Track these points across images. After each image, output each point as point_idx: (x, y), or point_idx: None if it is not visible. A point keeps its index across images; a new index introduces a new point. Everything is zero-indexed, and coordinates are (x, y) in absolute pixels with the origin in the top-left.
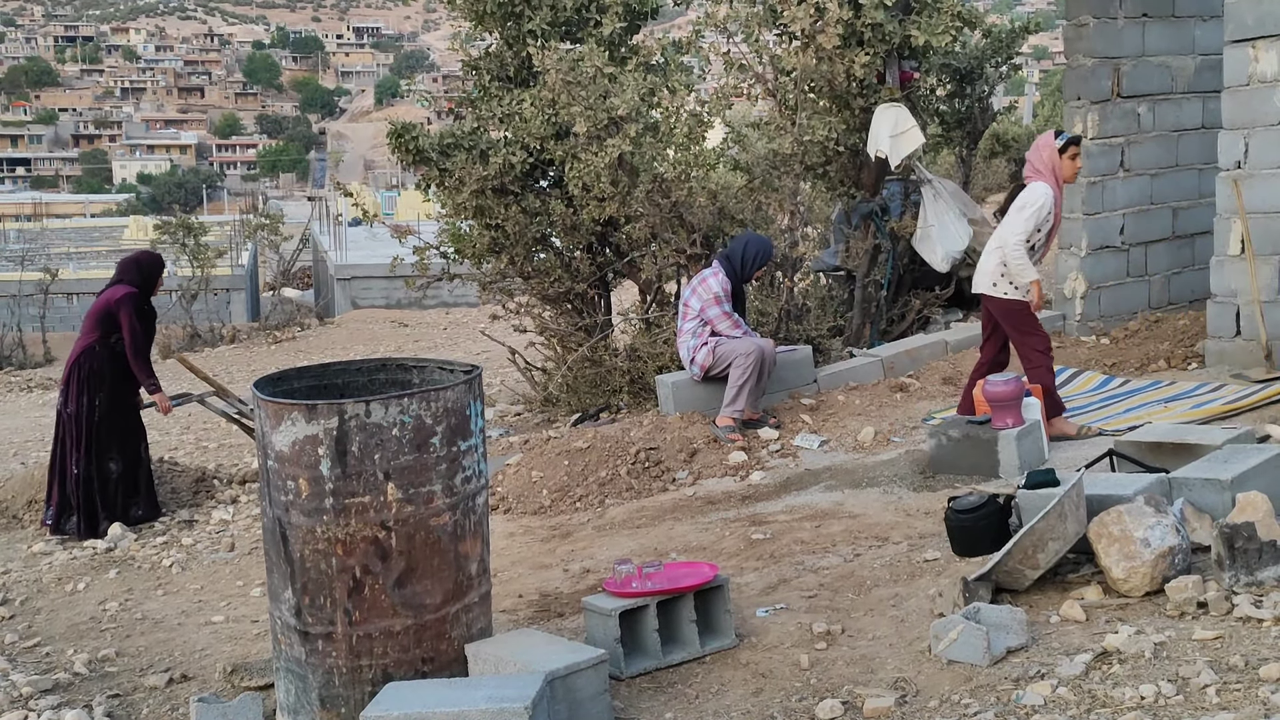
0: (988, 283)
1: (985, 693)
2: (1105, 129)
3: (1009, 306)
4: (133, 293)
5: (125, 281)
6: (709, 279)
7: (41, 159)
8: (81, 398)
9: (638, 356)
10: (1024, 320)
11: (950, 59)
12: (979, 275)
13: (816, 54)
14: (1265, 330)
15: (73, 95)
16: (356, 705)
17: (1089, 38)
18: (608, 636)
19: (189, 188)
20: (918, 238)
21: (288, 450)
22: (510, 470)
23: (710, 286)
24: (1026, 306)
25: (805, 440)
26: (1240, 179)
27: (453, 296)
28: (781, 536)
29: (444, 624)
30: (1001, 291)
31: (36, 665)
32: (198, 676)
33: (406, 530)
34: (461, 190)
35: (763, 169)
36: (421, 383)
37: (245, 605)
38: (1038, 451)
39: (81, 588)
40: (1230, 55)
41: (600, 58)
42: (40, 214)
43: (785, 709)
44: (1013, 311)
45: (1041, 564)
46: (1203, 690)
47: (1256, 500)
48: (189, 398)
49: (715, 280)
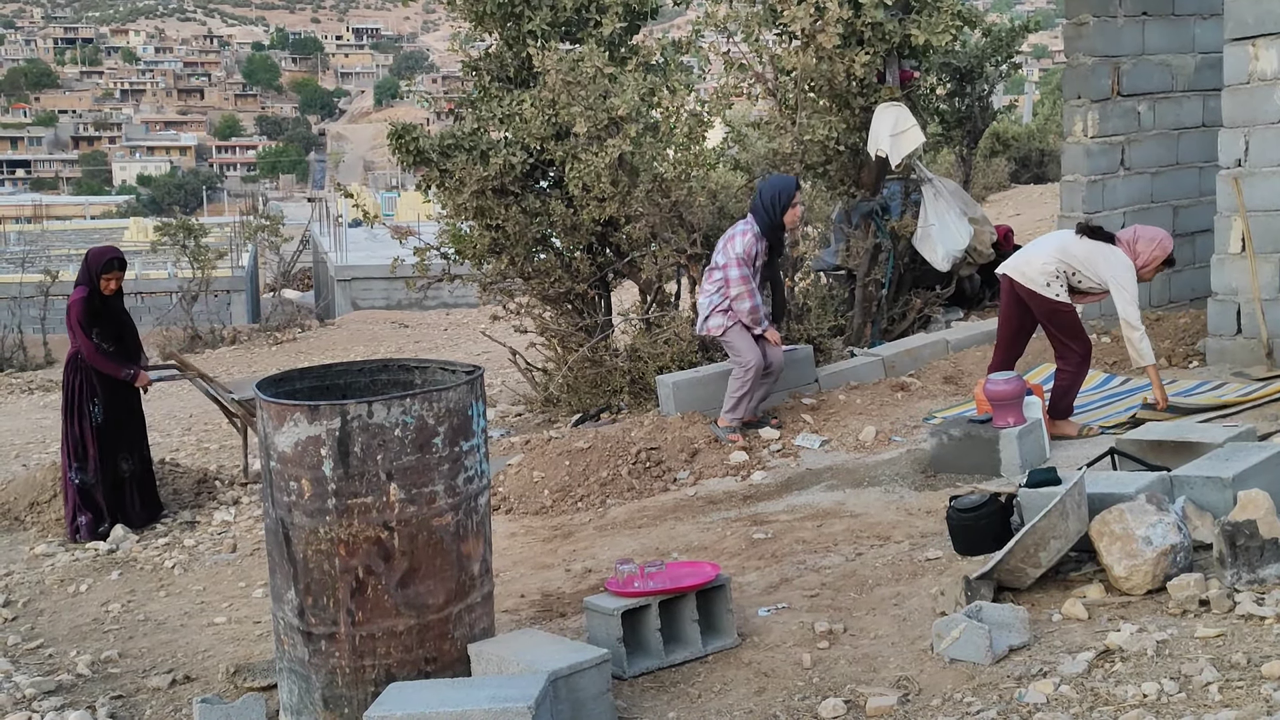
0: (1042, 282)
1: (987, 691)
2: (1105, 128)
3: (1056, 307)
4: (81, 297)
5: (80, 283)
6: (737, 237)
7: (41, 161)
8: (72, 406)
9: (638, 357)
10: (1071, 323)
11: (950, 58)
12: (1028, 271)
13: (816, 53)
14: (1266, 328)
15: (72, 97)
16: (360, 705)
17: (1089, 36)
18: (610, 636)
19: (189, 189)
20: (918, 237)
21: (290, 451)
22: (512, 471)
23: (736, 246)
24: (1074, 311)
25: (806, 440)
26: (1240, 177)
27: (453, 297)
28: (783, 536)
29: (447, 624)
30: (1053, 293)
31: (39, 667)
32: (200, 677)
33: (409, 531)
34: (461, 191)
35: (763, 168)
36: (423, 383)
37: (248, 606)
38: (1039, 450)
39: (84, 589)
40: (1230, 53)
41: (600, 58)
42: (40, 216)
43: (788, 708)
44: (1059, 313)
45: (1043, 562)
46: (1205, 688)
47: (1258, 498)
48: (174, 374)
49: (742, 240)
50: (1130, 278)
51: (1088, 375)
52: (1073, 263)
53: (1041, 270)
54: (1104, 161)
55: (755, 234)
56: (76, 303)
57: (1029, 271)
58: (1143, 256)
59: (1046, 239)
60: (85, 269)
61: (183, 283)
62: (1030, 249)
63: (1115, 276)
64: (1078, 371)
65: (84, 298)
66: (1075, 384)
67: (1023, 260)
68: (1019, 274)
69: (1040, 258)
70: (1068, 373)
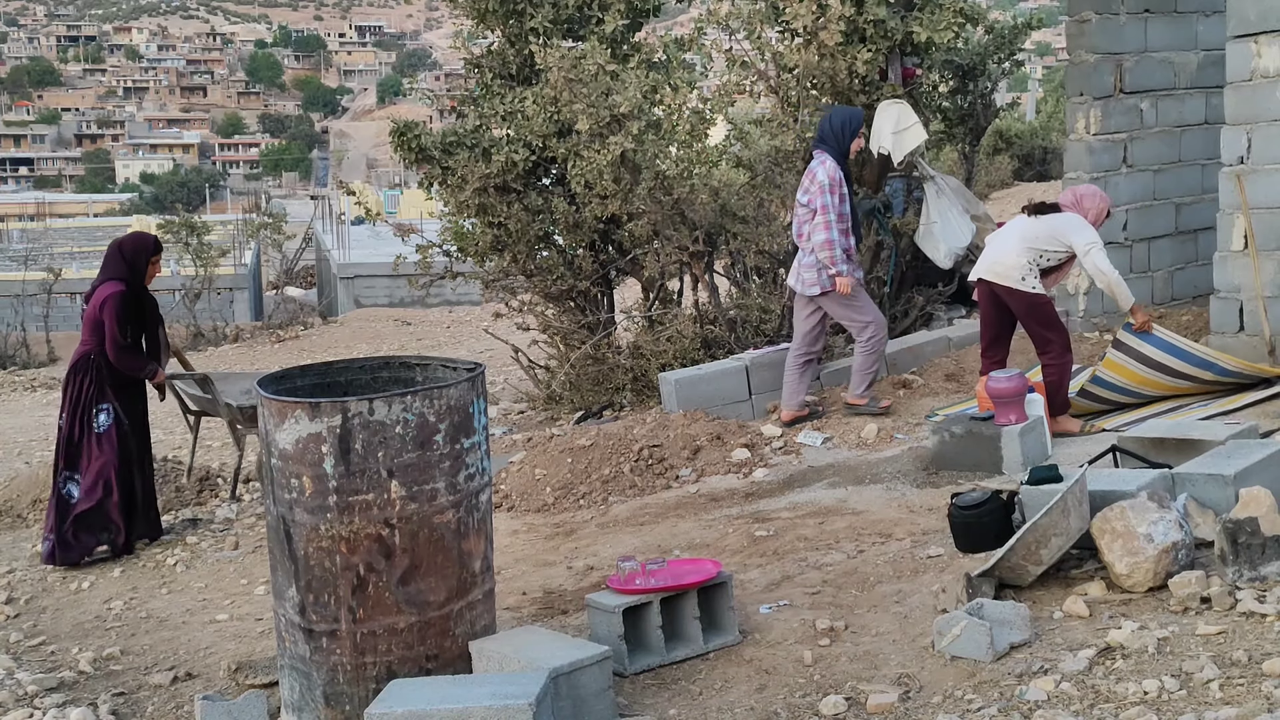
0: (1017, 277)
1: (989, 688)
2: (1108, 125)
3: (1034, 301)
4: (119, 292)
5: (112, 277)
6: (816, 170)
7: (44, 159)
8: (77, 412)
9: (641, 354)
10: (1049, 315)
11: (953, 55)
12: (1001, 269)
13: (819, 51)
14: (1268, 326)
15: (75, 95)
16: (361, 702)
17: (1091, 34)
18: (611, 633)
19: (192, 187)
20: (920, 234)
21: (291, 448)
22: (514, 468)
23: (818, 177)
24: (1050, 302)
25: (808, 437)
26: (1243, 174)
27: (456, 295)
28: (785, 533)
29: (448, 621)
30: (1030, 286)
31: (42, 664)
32: (202, 675)
33: (410, 528)
34: (464, 188)
35: (765, 166)
36: (425, 381)
37: (249, 603)
38: (1041, 447)
39: (86, 586)
40: (1233, 50)
41: (602, 55)
42: (43, 214)
43: (789, 705)
44: (1038, 306)
45: (1045, 560)
46: (1206, 685)
47: (1260, 495)
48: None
49: (823, 169)
50: (1094, 232)
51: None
52: (1039, 245)
53: (1015, 265)
54: (1106, 159)
55: (834, 161)
56: (114, 297)
57: (1002, 270)
58: (1091, 213)
59: (1005, 235)
60: (120, 260)
61: (185, 280)
62: (995, 249)
63: (1083, 238)
64: (1063, 362)
65: (122, 292)
66: (1064, 376)
67: (993, 260)
68: (994, 274)
69: (1010, 254)
70: (1054, 366)
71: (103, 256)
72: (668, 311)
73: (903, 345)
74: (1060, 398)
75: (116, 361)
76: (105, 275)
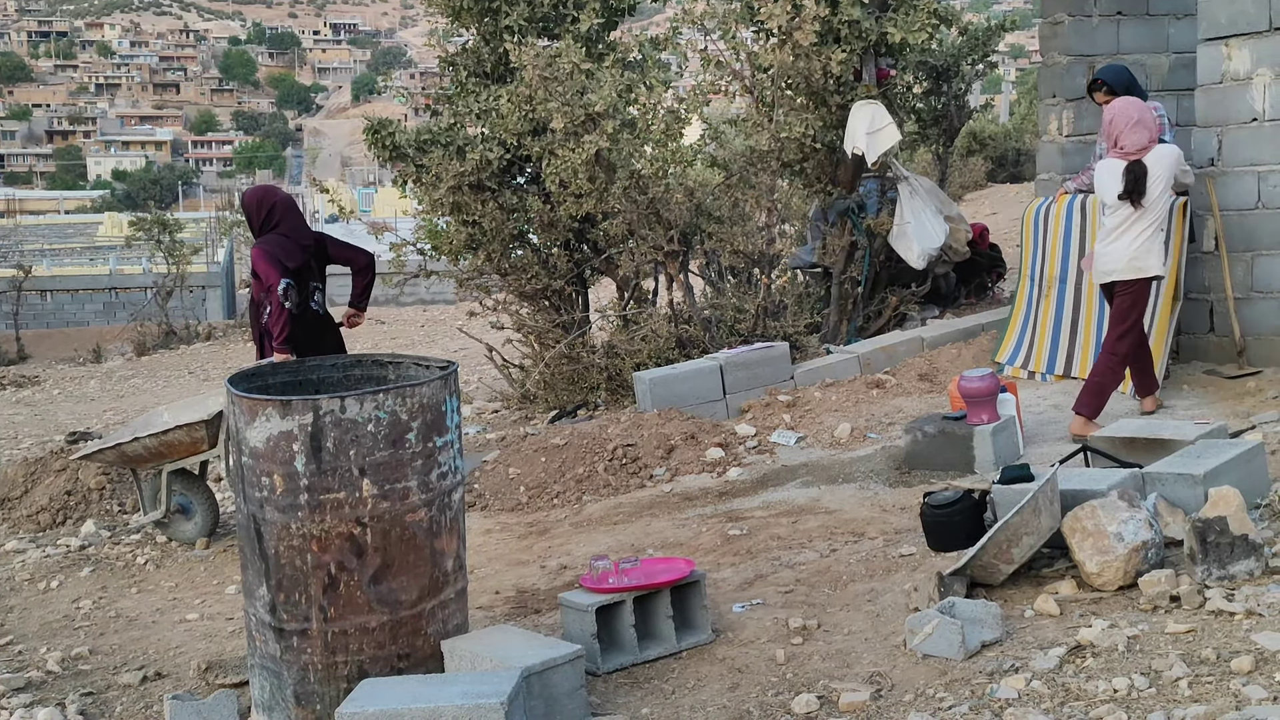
0: (1159, 263)
1: (960, 686)
2: (1080, 126)
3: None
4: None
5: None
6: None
7: (15, 155)
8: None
9: (615, 353)
10: (1144, 295)
11: (927, 56)
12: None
13: (793, 51)
14: (1238, 327)
15: (46, 91)
16: (332, 702)
17: (1064, 36)
18: (584, 632)
19: (164, 184)
20: (894, 235)
21: (262, 446)
22: (487, 467)
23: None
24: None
25: (782, 437)
26: (1214, 177)
27: (430, 294)
28: (758, 532)
29: (420, 620)
30: (1165, 264)
31: (9, 663)
32: (172, 674)
33: (382, 526)
34: (438, 186)
35: (740, 166)
36: (397, 379)
37: (220, 603)
38: (1013, 447)
39: (55, 585)
40: (1203, 53)
41: (577, 54)
42: (13, 211)
43: (761, 704)
44: (1145, 285)
45: (1016, 559)
46: (1175, 683)
47: (1229, 495)
48: None
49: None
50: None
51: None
52: (1154, 213)
53: (1154, 251)
54: (1079, 160)
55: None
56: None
57: (1145, 264)
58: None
59: (1117, 231)
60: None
61: (158, 278)
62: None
63: (1176, 162)
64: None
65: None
66: (1117, 378)
67: (1129, 258)
68: (1137, 271)
69: (1144, 244)
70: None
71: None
72: (642, 311)
73: (876, 345)
74: (1101, 401)
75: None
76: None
